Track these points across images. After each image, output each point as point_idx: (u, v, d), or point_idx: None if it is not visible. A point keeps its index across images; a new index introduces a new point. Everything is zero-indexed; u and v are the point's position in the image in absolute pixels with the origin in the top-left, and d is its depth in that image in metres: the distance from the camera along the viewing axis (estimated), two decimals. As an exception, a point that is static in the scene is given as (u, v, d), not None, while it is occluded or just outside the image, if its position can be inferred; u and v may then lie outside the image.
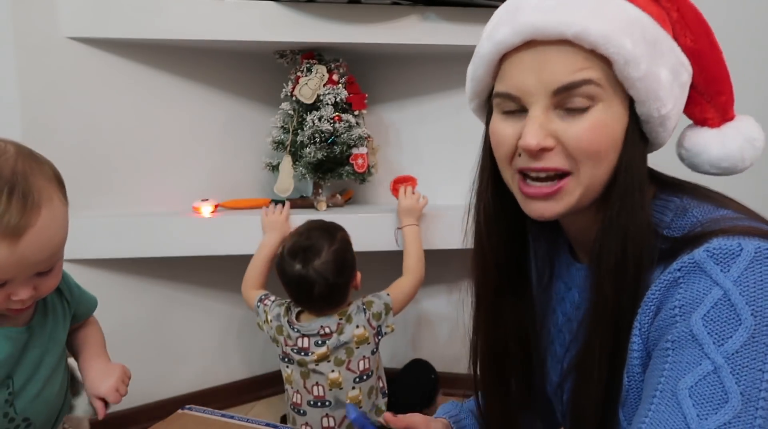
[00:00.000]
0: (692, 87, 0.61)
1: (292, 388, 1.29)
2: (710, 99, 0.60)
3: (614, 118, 0.56)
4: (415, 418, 0.76)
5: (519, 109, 0.58)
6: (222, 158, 1.69)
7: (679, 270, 0.52)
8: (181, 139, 1.62)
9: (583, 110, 0.55)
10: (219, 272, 1.68)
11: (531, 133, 0.56)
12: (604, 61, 0.54)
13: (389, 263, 1.74)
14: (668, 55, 0.57)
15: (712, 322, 0.49)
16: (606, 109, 0.56)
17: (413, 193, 1.49)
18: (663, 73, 0.56)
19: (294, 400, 1.28)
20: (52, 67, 1.41)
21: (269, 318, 1.31)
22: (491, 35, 0.59)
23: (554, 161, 0.57)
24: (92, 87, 1.47)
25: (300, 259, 1.22)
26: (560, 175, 0.58)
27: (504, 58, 0.59)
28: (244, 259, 1.62)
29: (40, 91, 1.40)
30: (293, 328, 1.26)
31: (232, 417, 1.00)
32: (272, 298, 1.36)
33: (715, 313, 0.49)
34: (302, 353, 1.25)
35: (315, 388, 1.25)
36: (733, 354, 0.48)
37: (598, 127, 0.55)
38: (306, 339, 1.25)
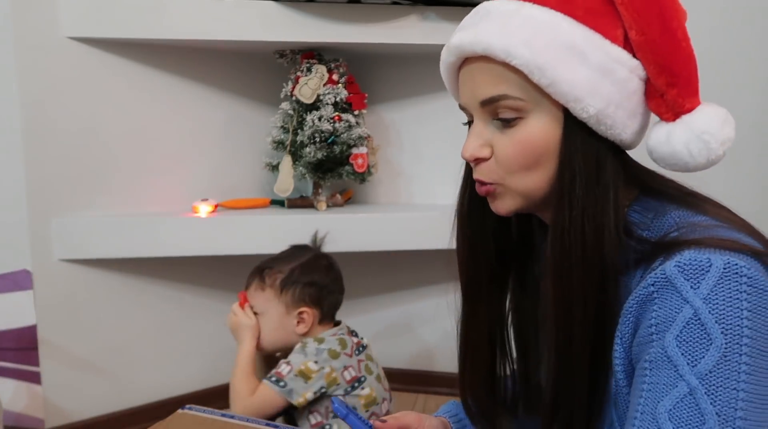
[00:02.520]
0: (648, 81, 0.59)
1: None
2: (662, 93, 0.58)
3: (543, 126, 0.58)
4: (407, 417, 0.76)
5: (473, 120, 0.63)
6: (222, 158, 1.69)
7: (653, 285, 0.53)
8: (181, 139, 1.62)
9: (511, 122, 0.59)
10: (219, 272, 1.68)
11: (466, 146, 0.62)
12: (520, 72, 0.57)
13: (388, 263, 1.74)
14: (593, 54, 0.56)
15: (685, 342, 0.50)
16: (534, 120, 0.58)
17: None
18: (581, 74, 0.56)
19: None
20: (52, 67, 1.41)
21: (312, 373, 1.13)
22: (441, 57, 0.65)
23: (484, 174, 0.62)
24: (92, 87, 1.47)
25: (323, 255, 1.26)
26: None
27: (458, 73, 0.64)
28: (244, 259, 1.62)
29: (40, 91, 1.40)
30: (357, 351, 1.20)
31: (232, 417, 1.00)
32: (290, 365, 1.14)
33: (687, 333, 0.50)
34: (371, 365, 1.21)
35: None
36: (706, 374, 0.49)
37: (525, 141, 0.58)
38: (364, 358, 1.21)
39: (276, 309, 1.18)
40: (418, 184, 1.79)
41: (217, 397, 1.68)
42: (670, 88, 0.57)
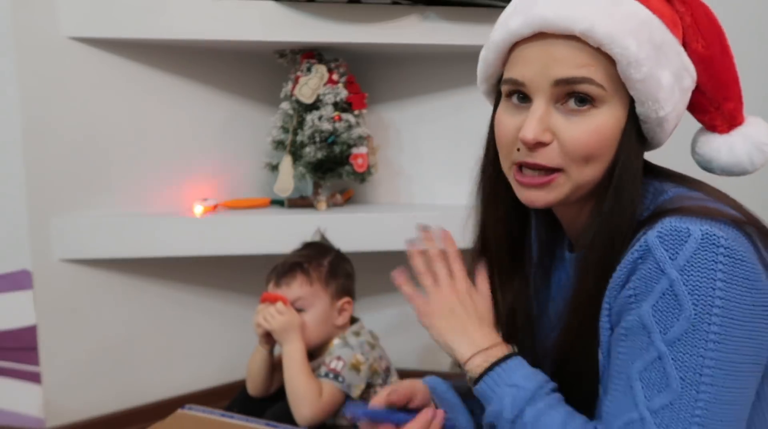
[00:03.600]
0: (702, 93, 0.61)
1: None
2: (718, 106, 0.61)
3: (613, 120, 0.58)
4: (403, 385, 0.80)
5: (524, 100, 0.60)
6: (222, 158, 1.69)
7: (638, 255, 0.55)
8: (181, 139, 1.62)
9: (584, 111, 0.57)
10: (219, 272, 1.68)
11: (529, 127, 0.58)
12: (608, 59, 0.56)
13: (388, 263, 1.74)
14: (673, 59, 0.58)
15: (660, 311, 0.53)
16: (606, 112, 0.58)
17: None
18: (665, 76, 0.57)
19: None
20: (52, 67, 1.41)
21: (360, 365, 1.15)
22: (505, 22, 0.60)
23: (548, 159, 0.59)
24: (92, 87, 1.47)
25: (338, 249, 1.29)
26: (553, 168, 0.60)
27: (515, 46, 0.60)
28: (244, 259, 1.62)
29: (40, 91, 1.40)
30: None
31: (232, 417, 1.00)
32: (341, 359, 1.14)
33: (662, 303, 0.53)
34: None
35: None
36: (674, 342, 0.52)
37: (597, 131, 0.57)
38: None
39: (322, 302, 1.18)
40: (418, 184, 1.79)
41: (217, 397, 1.68)
42: (727, 102, 0.62)
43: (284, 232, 1.48)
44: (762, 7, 1.50)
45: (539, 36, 0.57)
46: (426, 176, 1.77)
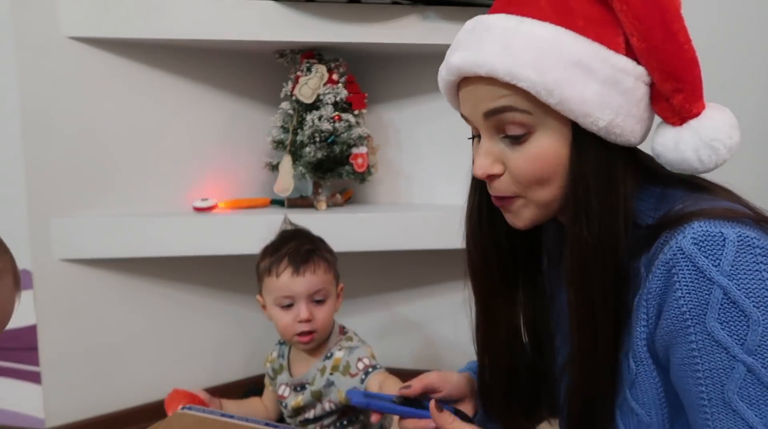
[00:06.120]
0: (653, 85, 0.59)
1: None
2: (668, 98, 0.58)
3: (553, 141, 0.58)
4: (430, 376, 0.76)
5: (478, 134, 0.63)
6: (222, 158, 1.69)
7: (672, 260, 0.53)
8: (182, 139, 1.62)
9: (521, 139, 0.59)
10: (219, 272, 1.68)
11: (477, 164, 0.62)
12: (526, 91, 0.57)
13: (388, 263, 1.74)
14: (599, 68, 0.56)
15: (727, 323, 0.51)
16: (543, 135, 0.58)
17: None
18: (590, 90, 0.56)
19: None
20: (52, 67, 1.41)
21: (374, 353, 1.14)
22: (439, 72, 0.65)
23: (502, 189, 0.62)
24: (92, 87, 1.47)
25: None
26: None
27: (457, 88, 0.65)
28: (245, 259, 1.62)
29: (40, 91, 1.40)
30: None
31: (231, 417, 1.00)
32: (362, 360, 1.10)
33: (724, 314, 0.51)
34: None
35: None
36: (756, 349, 0.50)
37: (538, 157, 0.59)
38: None
39: (334, 289, 1.13)
40: (418, 184, 1.79)
41: (217, 396, 1.68)
42: (677, 94, 0.58)
43: (284, 232, 1.49)
44: (761, 5, 1.50)
45: (465, 80, 0.61)
46: (426, 176, 1.77)
